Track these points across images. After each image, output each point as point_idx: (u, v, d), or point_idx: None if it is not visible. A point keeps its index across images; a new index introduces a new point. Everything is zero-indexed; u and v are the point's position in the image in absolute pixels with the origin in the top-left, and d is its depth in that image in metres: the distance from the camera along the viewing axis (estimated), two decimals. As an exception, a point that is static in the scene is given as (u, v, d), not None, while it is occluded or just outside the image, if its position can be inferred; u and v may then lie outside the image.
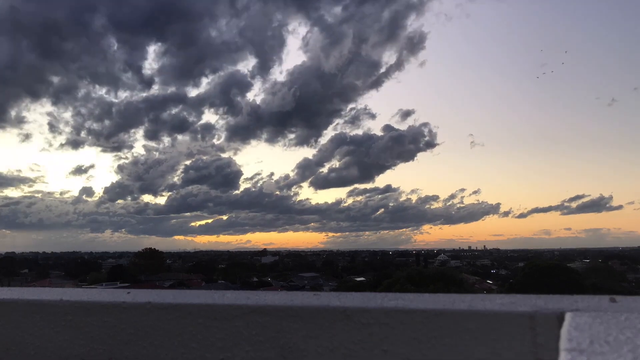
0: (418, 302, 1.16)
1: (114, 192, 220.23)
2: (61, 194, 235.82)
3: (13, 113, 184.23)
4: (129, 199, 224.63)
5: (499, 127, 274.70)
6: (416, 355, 1.10)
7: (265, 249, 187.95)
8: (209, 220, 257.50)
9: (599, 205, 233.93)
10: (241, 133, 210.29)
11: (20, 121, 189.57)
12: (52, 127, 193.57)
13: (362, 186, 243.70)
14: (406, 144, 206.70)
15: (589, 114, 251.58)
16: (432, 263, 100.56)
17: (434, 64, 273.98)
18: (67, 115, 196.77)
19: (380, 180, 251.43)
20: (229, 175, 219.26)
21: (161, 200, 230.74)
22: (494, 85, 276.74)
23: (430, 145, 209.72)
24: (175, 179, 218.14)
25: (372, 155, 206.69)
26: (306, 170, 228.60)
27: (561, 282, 37.01)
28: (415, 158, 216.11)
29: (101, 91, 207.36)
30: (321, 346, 1.18)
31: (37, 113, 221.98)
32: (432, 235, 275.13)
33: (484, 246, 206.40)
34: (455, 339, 1.08)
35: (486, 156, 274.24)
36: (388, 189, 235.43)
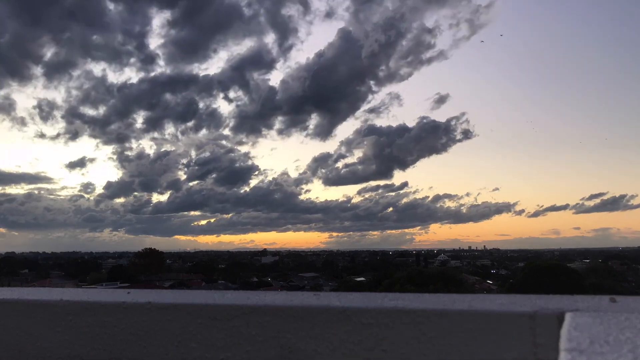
0: (418, 302, 1.16)
1: (114, 189, 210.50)
2: (59, 191, 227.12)
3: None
4: (130, 196, 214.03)
5: (534, 121, 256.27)
6: (416, 355, 1.10)
7: (265, 249, 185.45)
8: (212, 220, 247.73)
9: (617, 203, 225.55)
10: (254, 122, 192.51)
11: (9, 106, 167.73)
12: (44, 114, 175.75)
13: (376, 183, 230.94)
14: (435, 137, 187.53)
15: (625, 109, 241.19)
16: (432, 263, 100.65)
17: (492, 43, 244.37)
18: (59, 99, 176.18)
19: (399, 177, 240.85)
20: (236, 171, 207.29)
21: (163, 197, 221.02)
22: (546, 77, 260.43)
23: (463, 137, 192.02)
24: (179, 174, 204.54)
25: (396, 148, 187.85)
26: (321, 164, 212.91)
27: (561, 282, 37.01)
28: (443, 153, 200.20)
29: (97, 68, 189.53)
30: (321, 346, 1.18)
31: (24, 95, 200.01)
32: (438, 235, 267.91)
33: (484, 246, 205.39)
34: (455, 339, 1.08)
35: (516, 152, 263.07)
36: (403, 186, 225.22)
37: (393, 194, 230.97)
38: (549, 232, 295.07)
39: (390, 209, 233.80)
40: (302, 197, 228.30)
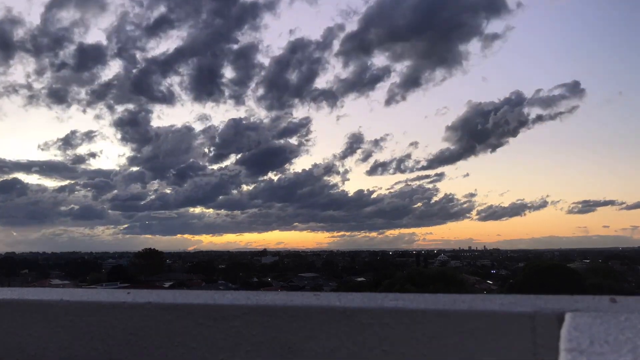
0: (418, 302, 1.17)
1: (114, 182, 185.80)
2: (54, 187, 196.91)
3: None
4: (131, 192, 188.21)
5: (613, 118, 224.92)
6: (416, 356, 1.10)
7: (265, 249, 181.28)
8: (216, 218, 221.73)
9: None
10: (296, 87, 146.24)
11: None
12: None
13: (427, 172, 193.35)
14: (547, 107, 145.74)
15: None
16: (432, 263, 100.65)
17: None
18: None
19: (465, 166, 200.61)
20: (266, 153, 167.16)
21: (166, 193, 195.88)
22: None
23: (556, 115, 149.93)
24: (190, 159, 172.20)
25: (488, 124, 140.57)
26: (378, 144, 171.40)
27: (561, 282, 37.01)
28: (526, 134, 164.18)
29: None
30: (321, 346, 1.18)
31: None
32: (450, 234, 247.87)
33: (484, 247, 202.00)
34: (455, 339, 1.08)
35: (592, 142, 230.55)
36: (462, 176, 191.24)
37: (440, 185, 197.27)
38: (577, 231, 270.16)
39: (419, 204, 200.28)
40: (332, 191, 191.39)
